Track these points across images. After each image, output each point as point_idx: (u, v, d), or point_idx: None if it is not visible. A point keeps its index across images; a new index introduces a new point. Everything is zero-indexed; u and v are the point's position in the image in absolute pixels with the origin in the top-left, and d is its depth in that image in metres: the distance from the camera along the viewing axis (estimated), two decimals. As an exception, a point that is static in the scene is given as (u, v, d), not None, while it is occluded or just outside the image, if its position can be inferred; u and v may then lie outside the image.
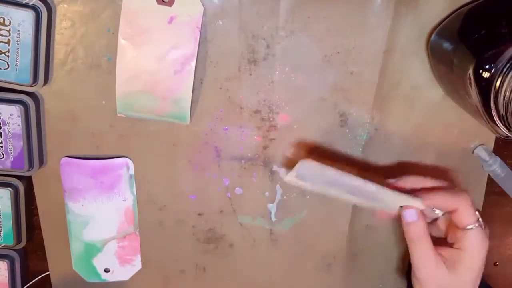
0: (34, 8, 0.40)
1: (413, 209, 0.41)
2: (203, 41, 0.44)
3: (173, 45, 0.42)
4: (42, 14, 0.41)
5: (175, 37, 0.42)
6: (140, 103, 0.43)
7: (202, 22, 0.42)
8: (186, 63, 0.42)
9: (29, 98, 0.43)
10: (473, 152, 0.49)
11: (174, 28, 0.41)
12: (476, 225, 0.40)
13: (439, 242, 0.42)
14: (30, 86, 0.42)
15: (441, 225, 0.43)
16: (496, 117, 0.36)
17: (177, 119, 0.45)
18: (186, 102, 0.44)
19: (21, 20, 0.40)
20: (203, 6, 0.42)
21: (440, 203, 0.41)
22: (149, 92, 0.43)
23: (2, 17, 0.40)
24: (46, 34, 0.42)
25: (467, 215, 0.40)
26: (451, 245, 0.41)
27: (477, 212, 0.40)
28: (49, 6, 0.42)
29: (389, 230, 0.52)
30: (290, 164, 0.41)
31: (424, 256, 0.40)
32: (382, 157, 0.49)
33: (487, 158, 0.48)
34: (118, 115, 0.44)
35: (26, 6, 0.40)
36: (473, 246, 0.40)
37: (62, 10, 0.42)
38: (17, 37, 0.40)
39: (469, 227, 0.40)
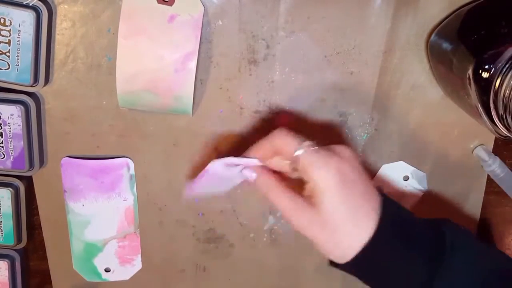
0: (34, 8, 0.40)
1: (248, 169, 0.40)
2: (203, 41, 0.44)
3: (173, 44, 0.42)
4: (43, 14, 0.41)
5: (175, 36, 0.42)
6: (141, 101, 0.43)
7: (202, 22, 0.42)
8: (187, 61, 0.42)
9: (29, 98, 0.43)
10: (472, 152, 0.49)
11: (175, 27, 0.41)
12: (301, 150, 0.36)
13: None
14: (31, 86, 0.43)
15: None
16: (496, 117, 0.36)
17: (180, 112, 0.45)
18: (188, 98, 0.43)
19: (22, 21, 0.40)
20: (203, 6, 0.42)
21: (264, 151, 0.39)
22: (149, 91, 0.43)
23: (3, 18, 0.40)
24: (47, 35, 0.42)
25: (287, 144, 0.37)
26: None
27: (300, 139, 0.37)
28: (50, 6, 0.42)
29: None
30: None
31: (284, 204, 0.37)
32: (382, 158, 0.49)
33: (486, 158, 0.48)
34: (121, 108, 0.44)
35: (26, 6, 0.40)
36: (308, 169, 0.36)
37: (62, 11, 0.42)
38: (18, 37, 0.40)
39: (295, 154, 0.37)
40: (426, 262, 0.36)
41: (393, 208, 0.38)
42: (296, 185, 0.38)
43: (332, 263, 0.38)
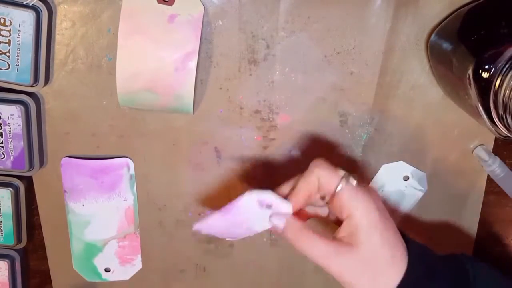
0: (34, 8, 0.40)
1: (277, 216, 0.37)
2: (203, 41, 0.44)
3: (173, 44, 0.42)
4: (43, 14, 0.41)
5: (175, 36, 0.42)
6: (141, 100, 0.43)
7: (202, 22, 0.42)
8: (187, 61, 0.42)
9: (29, 98, 0.43)
10: (472, 152, 0.49)
11: (175, 27, 0.41)
12: (342, 184, 0.35)
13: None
14: (31, 86, 0.43)
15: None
16: (496, 117, 0.36)
17: (181, 111, 0.45)
18: (189, 97, 0.43)
19: (22, 21, 0.40)
20: (203, 6, 0.42)
21: (301, 191, 0.37)
22: (150, 90, 0.43)
23: (3, 18, 0.40)
24: (47, 35, 0.42)
25: (326, 179, 0.36)
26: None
27: (340, 172, 0.36)
28: (50, 6, 0.42)
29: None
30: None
31: (318, 252, 0.36)
32: (382, 158, 0.49)
33: (486, 158, 0.48)
34: (121, 107, 0.44)
35: (26, 6, 0.40)
36: (350, 204, 0.35)
37: (62, 11, 0.42)
38: (18, 37, 0.40)
39: (337, 189, 0.35)
40: None
41: (418, 248, 0.37)
42: (326, 227, 0.37)
43: None
